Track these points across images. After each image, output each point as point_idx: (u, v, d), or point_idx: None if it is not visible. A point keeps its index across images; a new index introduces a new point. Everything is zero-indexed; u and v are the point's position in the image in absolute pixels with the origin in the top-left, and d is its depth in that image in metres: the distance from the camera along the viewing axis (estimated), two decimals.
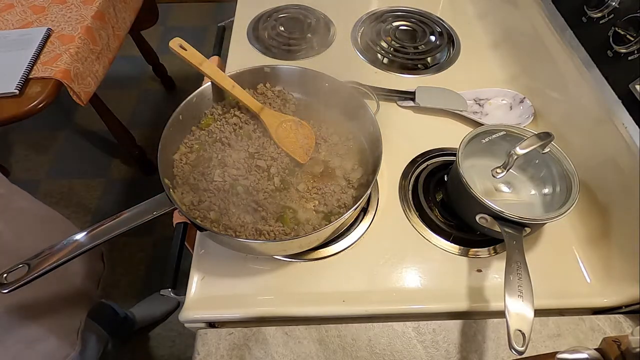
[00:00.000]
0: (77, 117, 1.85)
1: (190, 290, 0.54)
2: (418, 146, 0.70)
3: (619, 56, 0.54)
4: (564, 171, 0.56)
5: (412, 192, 0.64)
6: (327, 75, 0.63)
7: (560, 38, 0.65)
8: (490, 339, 0.51)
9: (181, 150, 0.59)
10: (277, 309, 0.53)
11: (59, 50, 1.02)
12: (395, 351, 0.50)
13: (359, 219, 0.61)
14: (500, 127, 0.59)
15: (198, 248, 0.58)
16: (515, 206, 0.57)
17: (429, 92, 0.75)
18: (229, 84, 0.59)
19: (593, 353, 0.33)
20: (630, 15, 0.52)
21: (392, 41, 0.87)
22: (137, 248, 1.47)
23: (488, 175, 0.54)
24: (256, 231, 0.52)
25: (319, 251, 0.57)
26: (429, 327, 0.52)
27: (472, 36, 0.90)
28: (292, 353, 0.50)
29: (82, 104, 1.07)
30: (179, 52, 0.56)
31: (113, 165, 1.70)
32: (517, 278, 0.45)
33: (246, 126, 0.62)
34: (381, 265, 0.57)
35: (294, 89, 0.67)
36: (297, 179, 0.59)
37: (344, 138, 0.63)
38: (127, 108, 1.89)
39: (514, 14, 0.83)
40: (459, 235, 0.60)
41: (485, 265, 0.57)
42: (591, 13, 0.58)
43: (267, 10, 0.93)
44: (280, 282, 0.55)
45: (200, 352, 0.49)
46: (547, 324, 0.53)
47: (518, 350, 0.39)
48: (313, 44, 0.87)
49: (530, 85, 0.76)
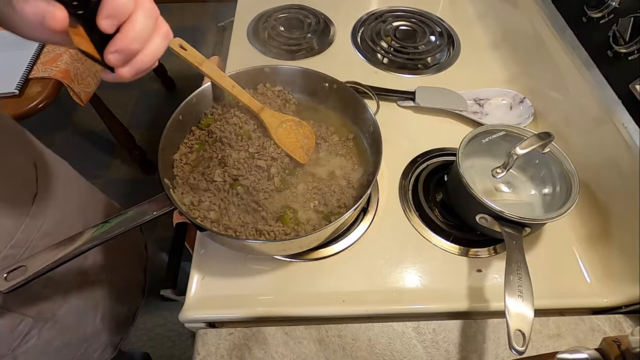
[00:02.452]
0: (77, 117, 1.85)
1: (190, 290, 0.54)
2: (418, 146, 0.70)
3: (619, 56, 0.54)
4: (564, 171, 0.56)
5: (412, 192, 0.64)
6: (327, 75, 0.63)
7: (560, 38, 0.65)
8: (490, 339, 0.51)
9: (181, 150, 0.59)
10: (277, 309, 0.53)
11: (59, 50, 1.02)
12: (395, 351, 0.50)
13: (359, 219, 0.61)
14: (500, 127, 0.59)
15: (198, 248, 0.58)
16: (515, 206, 0.57)
17: (429, 92, 0.75)
18: (229, 84, 0.59)
19: (593, 353, 0.33)
20: (630, 15, 0.52)
21: (392, 41, 0.87)
22: None
23: (488, 175, 0.54)
24: (256, 231, 0.52)
25: (319, 251, 0.57)
26: (429, 327, 0.52)
27: (472, 36, 0.90)
28: (292, 353, 0.50)
29: (82, 104, 1.08)
30: (179, 52, 0.56)
31: (113, 165, 1.70)
32: (517, 278, 0.45)
33: (246, 126, 0.62)
34: (381, 265, 0.57)
35: (294, 89, 0.67)
36: (297, 179, 0.59)
37: (344, 138, 0.63)
38: (127, 108, 1.88)
39: (514, 14, 0.83)
40: (459, 235, 0.60)
41: (485, 265, 0.57)
42: (591, 13, 0.58)
43: (267, 10, 0.93)
44: (280, 282, 0.55)
45: (200, 352, 0.49)
46: (547, 324, 0.53)
47: (518, 350, 0.39)
48: (313, 44, 0.87)
49: (530, 85, 0.76)
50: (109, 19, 0.31)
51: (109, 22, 0.31)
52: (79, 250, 0.45)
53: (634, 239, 0.51)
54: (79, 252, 0.45)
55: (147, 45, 0.35)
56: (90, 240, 0.46)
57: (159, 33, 0.36)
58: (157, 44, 0.36)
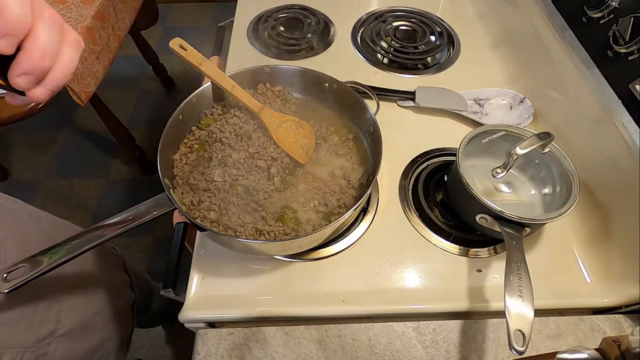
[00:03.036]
0: (77, 117, 1.85)
1: (190, 290, 0.54)
2: (418, 146, 0.70)
3: (619, 56, 0.54)
4: (564, 171, 0.56)
5: (412, 192, 0.64)
6: (327, 75, 0.63)
7: (560, 38, 0.65)
8: (490, 339, 0.51)
9: (181, 150, 0.59)
10: (277, 309, 0.53)
11: None
12: (395, 351, 0.50)
13: (359, 219, 0.61)
14: (500, 127, 0.59)
15: (198, 248, 0.58)
16: (515, 206, 0.57)
17: (429, 92, 0.75)
18: (229, 84, 0.59)
19: (593, 353, 0.33)
20: (630, 15, 0.52)
21: (392, 41, 0.87)
22: (137, 248, 1.47)
23: (488, 175, 0.54)
24: (256, 231, 0.52)
25: (319, 251, 0.57)
26: (429, 327, 0.52)
27: (472, 36, 0.90)
28: (292, 353, 0.50)
29: (82, 104, 1.07)
30: (179, 52, 0.56)
31: (113, 165, 1.70)
32: (517, 278, 0.45)
33: (246, 126, 0.62)
34: (381, 265, 0.57)
35: (294, 89, 0.67)
36: (297, 179, 0.59)
37: (344, 138, 0.63)
38: (127, 108, 1.89)
39: (514, 14, 0.83)
40: (459, 235, 0.60)
41: (485, 265, 0.57)
42: (591, 13, 0.58)
43: (267, 10, 0.93)
44: (280, 282, 0.55)
45: (200, 352, 0.49)
46: (547, 324, 0.53)
47: (518, 350, 0.39)
48: (313, 44, 0.87)
49: (530, 85, 0.76)
50: (4, 38, 0.27)
51: (5, 42, 0.27)
52: (79, 251, 0.45)
53: (634, 239, 0.51)
54: (79, 252, 0.45)
55: (58, 60, 0.31)
56: (90, 240, 0.46)
57: (67, 43, 0.32)
58: (69, 56, 0.32)
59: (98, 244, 0.46)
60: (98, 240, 0.46)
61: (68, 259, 0.44)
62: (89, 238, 0.46)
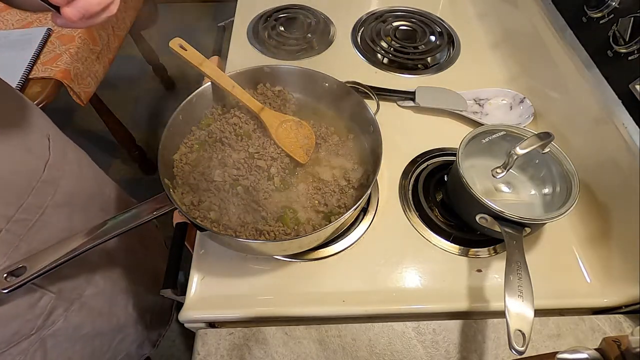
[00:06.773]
0: (77, 117, 1.85)
1: (190, 290, 0.54)
2: (418, 146, 0.70)
3: (619, 56, 0.54)
4: (564, 171, 0.56)
5: (412, 192, 0.64)
6: (327, 75, 0.63)
7: (560, 38, 0.65)
8: (490, 339, 0.51)
9: (181, 150, 0.59)
10: (277, 309, 0.53)
11: (59, 50, 1.02)
12: (395, 351, 0.50)
13: (359, 219, 0.61)
14: (500, 127, 0.59)
15: (198, 248, 0.58)
16: (515, 206, 0.57)
17: (429, 92, 0.75)
18: (229, 84, 0.59)
19: (593, 353, 0.33)
20: (630, 15, 0.52)
21: (392, 41, 0.87)
22: None
23: (488, 175, 0.54)
24: (256, 231, 0.52)
25: (319, 251, 0.57)
26: (429, 327, 0.52)
27: (472, 36, 0.90)
28: (292, 353, 0.50)
29: (82, 104, 1.08)
30: (179, 52, 0.56)
31: (113, 165, 1.70)
32: (517, 278, 0.45)
33: (246, 126, 0.62)
34: (381, 265, 0.57)
35: (294, 89, 0.67)
36: (297, 179, 0.59)
37: (344, 138, 0.63)
38: (127, 108, 1.88)
39: (514, 14, 0.83)
40: (459, 235, 0.60)
41: (485, 265, 0.57)
42: (591, 13, 0.58)
43: (267, 10, 0.93)
44: (280, 282, 0.55)
45: (200, 352, 0.49)
46: (547, 324, 0.53)
47: (518, 350, 0.39)
48: (313, 44, 0.87)
49: (530, 85, 0.76)
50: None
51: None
52: (80, 251, 0.45)
53: (634, 239, 0.51)
54: (79, 252, 0.45)
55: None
56: (90, 240, 0.46)
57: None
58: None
59: (99, 244, 0.46)
60: (98, 240, 0.46)
61: (68, 259, 0.45)
62: (90, 238, 0.46)
